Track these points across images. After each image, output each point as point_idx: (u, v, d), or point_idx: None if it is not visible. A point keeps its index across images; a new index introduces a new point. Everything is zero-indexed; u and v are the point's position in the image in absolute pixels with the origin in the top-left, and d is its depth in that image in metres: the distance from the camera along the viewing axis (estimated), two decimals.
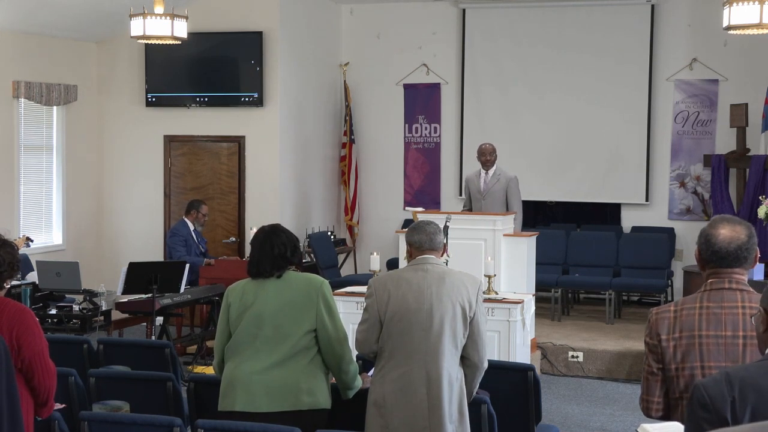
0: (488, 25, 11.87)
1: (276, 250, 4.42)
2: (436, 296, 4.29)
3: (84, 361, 5.81)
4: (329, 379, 4.48)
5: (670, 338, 3.22)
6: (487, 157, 8.98)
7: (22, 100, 10.26)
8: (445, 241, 7.34)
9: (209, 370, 8.05)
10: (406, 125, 12.34)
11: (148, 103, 11.20)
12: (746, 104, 10.43)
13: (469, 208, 9.08)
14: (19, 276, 8.18)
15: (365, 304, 4.42)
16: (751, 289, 3.22)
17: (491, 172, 8.98)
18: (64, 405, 4.83)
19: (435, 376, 4.24)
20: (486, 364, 4.42)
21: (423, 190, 12.28)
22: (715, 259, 3.23)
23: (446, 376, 4.25)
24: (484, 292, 7.33)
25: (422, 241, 4.43)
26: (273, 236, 4.48)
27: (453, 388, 4.28)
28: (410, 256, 4.48)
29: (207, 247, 9.80)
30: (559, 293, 10.35)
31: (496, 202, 8.86)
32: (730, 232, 3.23)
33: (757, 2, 6.63)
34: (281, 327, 4.33)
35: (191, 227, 9.54)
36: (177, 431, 4.10)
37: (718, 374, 2.63)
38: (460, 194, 12.01)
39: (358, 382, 4.53)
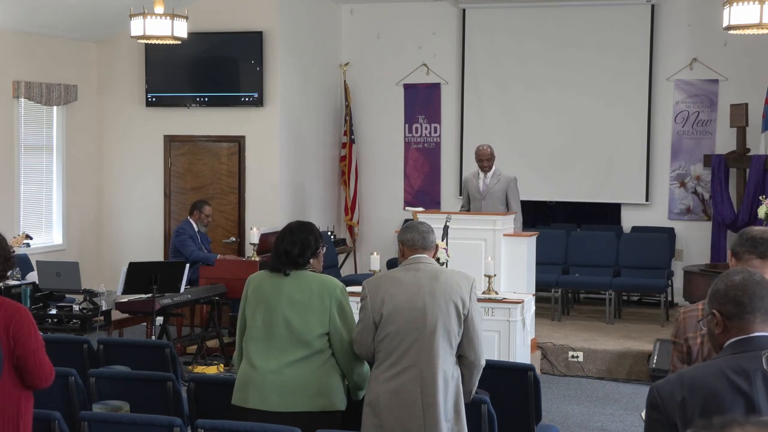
0: (488, 25, 11.87)
1: (283, 247, 4.42)
2: (430, 295, 4.27)
3: (84, 361, 5.81)
4: (345, 380, 4.47)
5: (697, 335, 3.26)
6: (484, 163, 8.92)
7: (22, 100, 10.26)
8: (444, 241, 7.40)
9: (209, 370, 8.08)
10: (406, 125, 12.33)
11: (148, 103, 11.20)
12: (746, 104, 10.43)
13: (467, 209, 9.06)
14: (19, 276, 8.23)
15: (359, 305, 4.42)
16: None
17: (490, 173, 8.95)
18: None
19: (429, 374, 4.23)
20: (483, 362, 4.40)
21: (423, 190, 12.27)
22: (749, 246, 3.31)
23: (441, 375, 4.24)
24: (484, 292, 7.44)
25: (414, 240, 4.42)
26: (289, 232, 4.48)
27: (448, 387, 4.27)
28: (402, 255, 4.47)
29: (211, 248, 9.80)
30: (559, 293, 10.34)
31: (496, 202, 8.84)
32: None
33: (757, 2, 6.64)
34: (293, 327, 4.33)
35: (195, 228, 9.57)
36: (177, 431, 4.10)
37: (673, 375, 2.70)
38: (460, 194, 11.98)
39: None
